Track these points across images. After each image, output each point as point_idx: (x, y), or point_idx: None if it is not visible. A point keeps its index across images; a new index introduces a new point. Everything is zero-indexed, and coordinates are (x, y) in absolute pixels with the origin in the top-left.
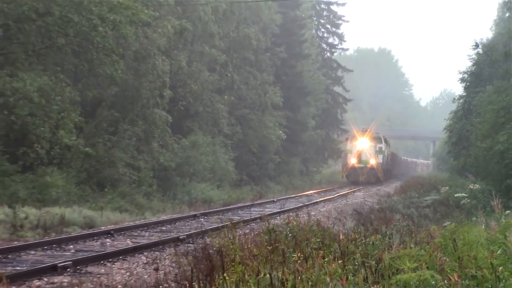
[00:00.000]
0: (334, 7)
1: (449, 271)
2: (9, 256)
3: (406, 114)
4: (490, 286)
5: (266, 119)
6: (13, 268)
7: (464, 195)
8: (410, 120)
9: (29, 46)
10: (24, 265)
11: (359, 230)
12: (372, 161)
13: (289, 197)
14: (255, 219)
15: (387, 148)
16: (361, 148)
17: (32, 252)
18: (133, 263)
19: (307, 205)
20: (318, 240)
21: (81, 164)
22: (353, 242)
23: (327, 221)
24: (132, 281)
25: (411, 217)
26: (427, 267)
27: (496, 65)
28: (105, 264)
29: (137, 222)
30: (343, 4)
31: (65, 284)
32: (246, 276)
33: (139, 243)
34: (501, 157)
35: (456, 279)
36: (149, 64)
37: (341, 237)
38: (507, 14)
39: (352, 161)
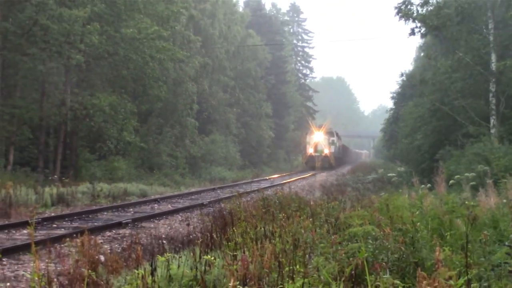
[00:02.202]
0: (307, 49)
1: (383, 225)
2: (90, 216)
3: (355, 120)
4: (411, 236)
5: (262, 124)
6: (92, 224)
7: (394, 174)
8: (358, 124)
9: (103, 76)
10: (100, 221)
11: (323, 198)
12: (326, 151)
13: (277, 176)
14: (254, 191)
15: (339, 141)
16: (317, 140)
17: (105, 213)
18: (172, 220)
19: (288, 182)
20: (296, 205)
21: (137, 154)
22: (320, 206)
23: (302, 192)
24: (171, 232)
25: (358, 189)
26: (369, 223)
27: (414, 88)
28: (154, 221)
29: (175, 193)
30: (313, 47)
31: (127, 234)
32: (248, 229)
33: (176, 207)
34: (418, 149)
35: (388, 231)
36: (183, 87)
37: (311, 203)
38: (421, 54)
39: (310, 150)
